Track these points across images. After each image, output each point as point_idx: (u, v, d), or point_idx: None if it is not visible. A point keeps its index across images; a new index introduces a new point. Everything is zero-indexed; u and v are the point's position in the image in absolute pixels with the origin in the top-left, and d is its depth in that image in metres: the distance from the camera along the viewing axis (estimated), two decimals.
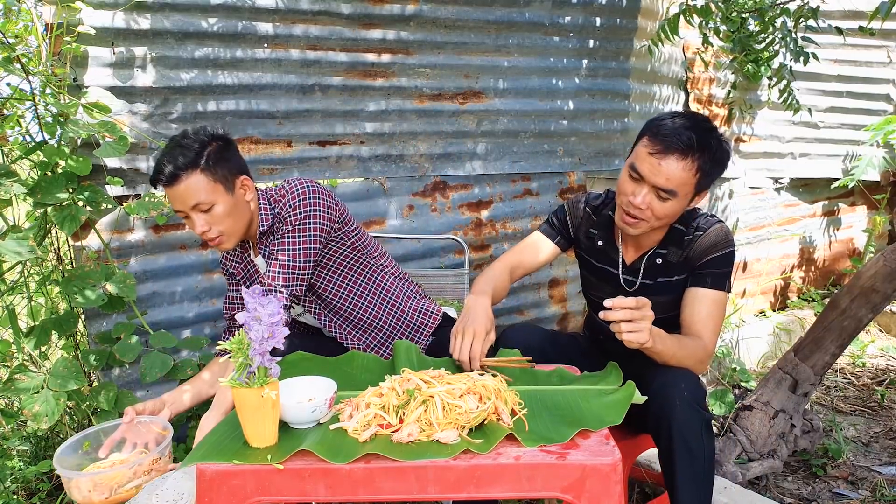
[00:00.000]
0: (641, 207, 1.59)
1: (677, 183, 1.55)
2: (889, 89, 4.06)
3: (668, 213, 1.61)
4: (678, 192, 1.57)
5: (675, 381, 1.49)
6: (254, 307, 1.20)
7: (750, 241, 3.90)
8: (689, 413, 1.46)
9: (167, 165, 1.61)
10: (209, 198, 1.64)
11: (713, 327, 1.64)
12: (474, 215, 2.84)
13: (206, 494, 1.15)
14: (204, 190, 1.63)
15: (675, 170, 1.54)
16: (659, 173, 1.55)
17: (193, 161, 1.62)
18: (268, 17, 2.26)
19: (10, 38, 1.95)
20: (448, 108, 2.68)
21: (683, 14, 2.58)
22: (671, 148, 1.54)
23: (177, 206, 1.66)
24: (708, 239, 1.68)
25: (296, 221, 1.73)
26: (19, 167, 2.13)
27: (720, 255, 1.67)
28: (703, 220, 1.72)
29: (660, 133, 1.56)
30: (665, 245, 1.73)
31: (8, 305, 2.08)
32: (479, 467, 1.15)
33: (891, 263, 2.16)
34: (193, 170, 1.62)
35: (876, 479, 2.27)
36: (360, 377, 1.55)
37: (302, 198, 1.73)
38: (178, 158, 1.61)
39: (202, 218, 1.66)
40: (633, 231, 1.65)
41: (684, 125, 1.55)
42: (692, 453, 1.45)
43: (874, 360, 3.42)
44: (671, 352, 1.55)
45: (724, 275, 1.67)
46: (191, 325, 2.31)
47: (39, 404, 1.79)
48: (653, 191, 1.57)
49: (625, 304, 1.39)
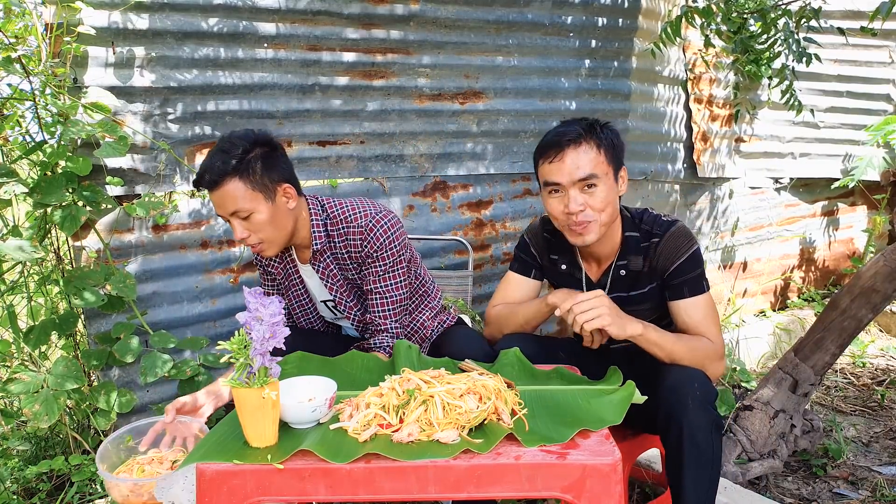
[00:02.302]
0: (580, 210, 1.61)
1: (590, 165, 1.59)
2: (889, 89, 4.06)
3: (606, 200, 1.62)
4: (598, 174, 1.60)
5: (688, 380, 1.49)
6: (255, 307, 1.20)
7: (750, 241, 3.90)
8: (700, 413, 1.45)
9: (208, 170, 1.60)
10: (247, 205, 1.61)
11: (712, 326, 1.65)
12: (474, 215, 2.83)
13: (206, 494, 1.15)
14: (242, 197, 1.61)
15: (580, 156, 1.59)
16: (569, 170, 1.59)
17: (234, 167, 1.59)
18: (268, 16, 2.26)
19: (10, 38, 1.95)
20: (448, 108, 2.68)
21: (685, 16, 2.58)
22: (564, 144, 1.60)
23: (218, 211, 1.66)
24: (668, 245, 1.68)
25: (392, 257, 1.78)
26: (19, 167, 2.13)
27: (685, 259, 1.66)
28: (656, 224, 1.71)
29: (548, 143, 1.63)
30: (623, 256, 1.73)
31: (8, 305, 2.08)
32: (479, 467, 1.15)
33: (891, 263, 2.16)
34: (232, 176, 1.59)
35: (876, 479, 2.27)
36: (360, 377, 1.55)
37: (393, 233, 1.77)
38: (218, 164, 1.59)
39: (241, 224, 1.64)
40: (591, 237, 1.64)
41: (563, 127, 1.64)
42: (701, 454, 1.45)
43: (874, 360, 3.42)
44: (670, 343, 1.57)
45: (697, 277, 1.67)
46: (191, 325, 2.31)
47: (39, 404, 1.79)
48: (577, 188, 1.60)
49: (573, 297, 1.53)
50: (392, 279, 1.80)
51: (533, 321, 1.79)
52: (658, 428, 1.53)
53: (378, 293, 1.80)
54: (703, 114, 3.47)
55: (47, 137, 2.04)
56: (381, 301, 1.80)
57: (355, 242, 1.77)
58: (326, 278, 1.83)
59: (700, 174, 3.50)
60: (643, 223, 1.72)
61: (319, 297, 1.91)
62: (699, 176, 3.51)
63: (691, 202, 3.58)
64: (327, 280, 1.83)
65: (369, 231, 1.75)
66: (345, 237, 1.78)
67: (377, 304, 1.80)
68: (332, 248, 1.80)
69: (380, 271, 1.78)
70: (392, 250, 1.77)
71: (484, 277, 2.88)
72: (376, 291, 1.80)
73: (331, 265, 1.82)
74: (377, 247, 1.76)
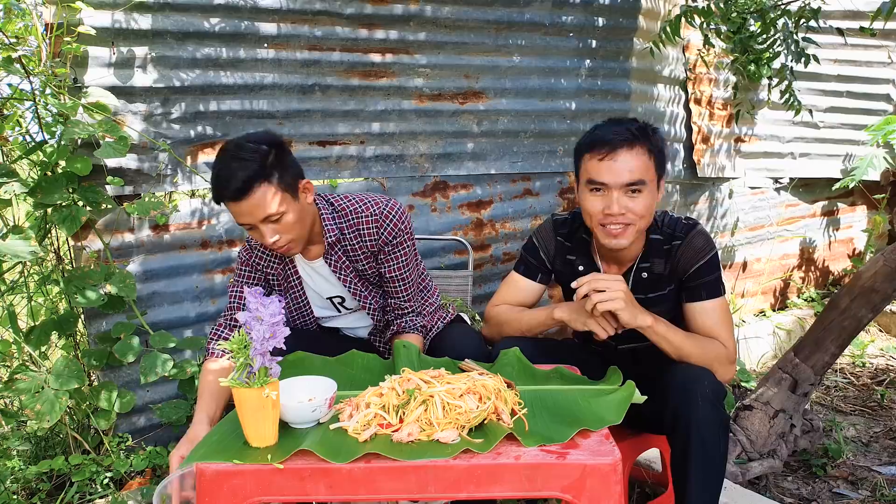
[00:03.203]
0: (622, 213, 1.57)
1: (641, 171, 1.56)
2: (889, 89, 4.06)
3: (646, 207, 1.59)
4: (646, 180, 1.57)
5: (697, 378, 1.49)
6: (255, 307, 1.20)
7: (750, 241, 3.90)
8: (709, 411, 1.44)
9: (230, 180, 1.55)
10: (279, 208, 1.59)
11: (726, 329, 1.64)
12: (474, 215, 2.84)
13: (206, 494, 1.15)
14: (272, 202, 1.58)
15: (632, 160, 1.56)
16: (620, 171, 1.55)
17: (258, 173, 1.56)
18: (268, 16, 2.26)
19: (10, 38, 1.95)
20: (448, 108, 2.68)
21: (685, 15, 2.58)
22: (618, 144, 1.56)
23: (244, 220, 1.61)
24: (690, 247, 1.67)
25: (409, 241, 1.83)
26: (19, 167, 2.13)
27: (705, 262, 1.66)
28: (677, 226, 1.70)
29: (599, 140, 1.58)
30: (647, 258, 1.71)
31: (8, 305, 2.09)
32: (479, 467, 1.15)
33: (891, 263, 2.17)
34: (259, 182, 1.56)
35: (876, 479, 2.27)
36: (360, 377, 1.55)
37: (403, 224, 1.80)
38: (240, 172, 1.55)
39: (271, 228, 1.61)
40: (625, 241, 1.61)
41: (615, 125, 1.60)
42: (708, 452, 1.44)
43: (874, 360, 3.42)
44: (679, 339, 1.57)
45: (715, 281, 1.66)
46: (191, 325, 2.31)
47: (41, 404, 1.79)
48: (622, 191, 1.57)
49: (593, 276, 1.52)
50: (411, 262, 1.85)
51: (535, 330, 1.79)
52: (665, 426, 1.52)
53: (402, 279, 1.84)
54: (703, 114, 3.47)
55: (47, 137, 2.04)
56: (405, 286, 1.85)
57: (369, 231, 1.78)
58: (339, 271, 1.84)
59: (700, 174, 3.50)
60: (665, 226, 1.71)
61: (325, 293, 1.91)
62: (699, 176, 3.51)
63: (691, 202, 3.58)
64: (340, 273, 1.84)
65: (384, 218, 1.78)
66: (356, 228, 1.79)
67: (401, 290, 1.85)
68: (343, 240, 1.81)
69: (400, 257, 1.82)
70: (408, 234, 1.82)
71: (484, 277, 2.88)
72: (400, 278, 1.84)
73: (342, 257, 1.83)
74: (395, 233, 1.79)
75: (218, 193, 1.59)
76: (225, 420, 1.35)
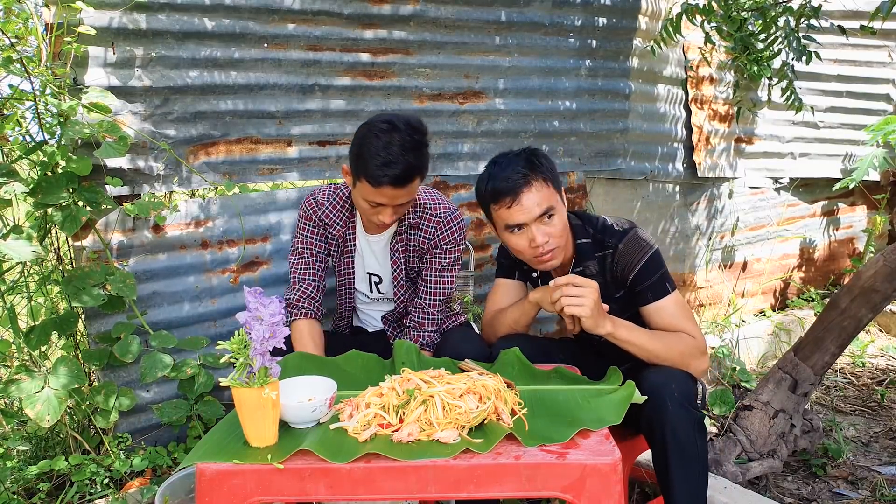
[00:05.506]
0: (545, 241, 1.68)
1: (546, 199, 1.68)
2: (889, 89, 4.06)
3: (563, 225, 1.73)
4: (553, 204, 1.69)
5: (665, 381, 1.52)
6: (255, 307, 1.20)
7: (750, 241, 3.90)
8: (680, 413, 1.48)
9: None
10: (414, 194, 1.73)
11: (687, 321, 1.69)
12: (475, 215, 2.83)
13: (206, 494, 1.15)
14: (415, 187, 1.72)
15: (535, 194, 1.67)
16: (530, 208, 1.66)
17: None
18: (268, 16, 2.26)
19: (10, 38, 1.95)
20: (448, 108, 2.68)
21: (686, 13, 2.58)
22: (516, 189, 1.66)
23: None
24: (623, 254, 1.73)
25: (457, 253, 1.94)
26: (19, 167, 2.13)
27: (641, 266, 1.71)
28: (608, 233, 1.77)
29: (500, 191, 1.68)
30: (578, 263, 1.80)
31: (8, 305, 2.08)
32: (479, 467, 1.15)
33: (891, 263, 2.16)
34: (419, 174, 1.71)
35: (876, 479, 2.27)
36: (360, 377, 1.55)
37: (460, 236, 1.93)
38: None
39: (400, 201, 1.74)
40: (556, 262, 1.74)
41: (504, 169, 1.70)
42: (685, 453, 1.47)
43: (874, 360, 3.42)
44: (644, 340, 1.61)
45: (659, 280, 1.71)
46: (191, 325, 2.31)
47: (41, 404, 1.79)
48: (538, 222, 1.68)
49: (567, 279, 1.57)
50: (450, 273, 1.95)
51: (521, 320, 1.85)
52: (642, 431, 1.57)
53: (435, 282, 1.93)
54: (703, 114, 3.47)
55: (47, 137, 2.03)
56: (435, 291, 1.94)
57: (429, 229, 1.89)
58: (395, 252, 1.93)
59: (700, 174, 3.50)
60: (596, 231, 1.79)
61: (369, 267, 1.99)
62: (699, 176, 3.51)
63: (691, 202, 3.58)
64: (395, 254, 1.93)
65: (447, 223, 1.89)
66: (419, 221, 1.89)
67: (430, 293, 1.93)
68: (411, 228, 1.90)
69: (444, 263, 1.92)
70: (459, 248, 1.94)
71: (484, 277, 2.88)
72: (434, 280, 1.93)
73: (404, 240, 1.92)
74: (449, 240, 1.89)
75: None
76: (225, 420, 1.35)
